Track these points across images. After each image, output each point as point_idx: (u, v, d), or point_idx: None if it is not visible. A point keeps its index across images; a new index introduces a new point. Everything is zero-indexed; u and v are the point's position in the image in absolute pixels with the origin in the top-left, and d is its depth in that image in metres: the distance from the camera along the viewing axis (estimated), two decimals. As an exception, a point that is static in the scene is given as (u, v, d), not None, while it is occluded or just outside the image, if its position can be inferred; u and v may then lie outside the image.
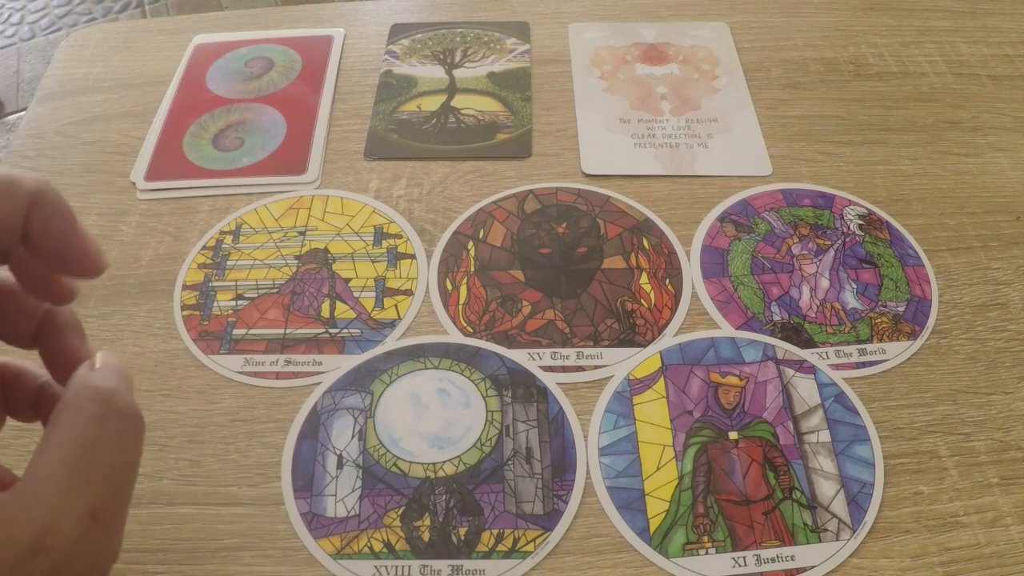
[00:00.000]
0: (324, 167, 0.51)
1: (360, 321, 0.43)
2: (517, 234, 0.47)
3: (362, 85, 0.56)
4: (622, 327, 0.43)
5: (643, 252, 0.46)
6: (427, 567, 0.35)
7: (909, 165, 0.50)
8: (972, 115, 0.53)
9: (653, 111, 0.54)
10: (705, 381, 0.40)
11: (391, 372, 0.41)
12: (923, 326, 0.43)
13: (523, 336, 0.42)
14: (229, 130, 0.53)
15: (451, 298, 0.44)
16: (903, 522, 0.36)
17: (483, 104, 0.54)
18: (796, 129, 0.53)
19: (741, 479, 0.37)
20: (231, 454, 0.38)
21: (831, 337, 0.42)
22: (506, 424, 0.39)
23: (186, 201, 0.49)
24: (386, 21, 0.61)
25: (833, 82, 0.56)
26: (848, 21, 0.60)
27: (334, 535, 0.36)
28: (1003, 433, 0.39)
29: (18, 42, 1.72)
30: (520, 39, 0.59)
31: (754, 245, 0.46)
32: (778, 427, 0.39)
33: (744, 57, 0.58)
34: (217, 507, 0.37)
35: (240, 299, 0.44)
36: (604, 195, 0.49)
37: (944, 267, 0.45)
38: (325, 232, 0.47)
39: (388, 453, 0.38)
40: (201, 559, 0.35)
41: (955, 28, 0.60)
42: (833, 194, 0.49)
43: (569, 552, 0.35)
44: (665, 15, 0.61)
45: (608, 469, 0.38)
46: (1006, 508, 0.36)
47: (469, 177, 0.50)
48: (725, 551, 0.35)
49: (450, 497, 0.37)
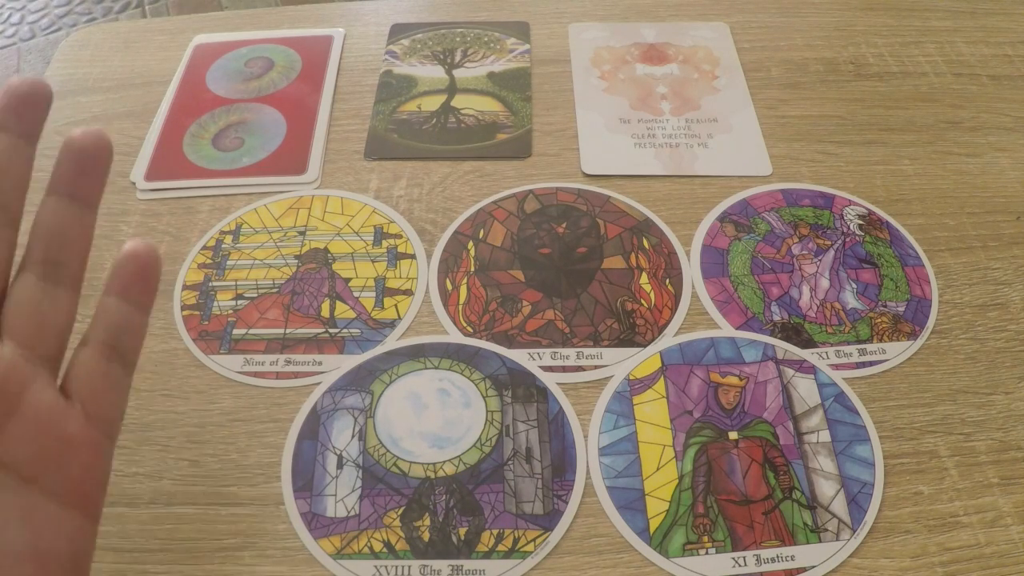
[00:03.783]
0: (324, 167, 0.51)
1: (360, 321, 0.43)
2: (517, 234, 0.47)
3: (362, 85, 0.56)
4: (622, 327, 0.43)
5: (643, 252, 0.46)
6: (427, 567, 0.35)
7: (909, 165, 0.50)
8: (972, 115, 0.53)
9: (653, 111, 0.54)
10: (705, 381, 0.40)
11: (391, 372, 0.41)
12: (923, 326, 0.43)
13: (523, 336, 0.42)
14: (229, 130, 0.53)
15: (451, 298, 0.44)
16: (903, 522, 0.36)
17: (483, 104, 0.54)
18: (796, 129, 0.53)
19: (741, 479, 0.37)
20: (231, 454, 0.38)
21: (831, 337, 0.42)
22: (506, 424, 0.39)
23: (186, 201, 0.49)
24: (386, 21, 0.61)
25: (833, 82, 0.56)
26: (848, 21, 0.60)
27: (334, 535, 0.36)
28: (1003, 433, 0.39)
29: (18, 42, 1.72)
30: (520, 39, 0.59)
31: (754, 245, 0.46)
32: (778, 427, 0.39)
33: (744, 57, 0.58)
34: (217, 507, 0.37)
35: (240, 299, 0.44)
36: (604, 195, 0.49)
37: (944, 267, 0.45)
38: (325, 232, 0.47)
39: (388, 453, 0.38)
40: (201, 559, 0.35)
41: (955, 28, 0.60)
42: (833, 194, 0.49)
43: (569, 552, 0.35)
44: (665, 15, 0.61)
45: (608, 469, 0.38)
46: (1006, 508, 0.36)
47: (469, 177, 0.50)
48: (725, 551, 0.35)
49: (450, 497, 0.37)
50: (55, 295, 0.27)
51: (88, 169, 0.28)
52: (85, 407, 0.27)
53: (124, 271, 0.28)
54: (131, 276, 0.28)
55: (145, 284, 0.28)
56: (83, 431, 0.27)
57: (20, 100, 0.27)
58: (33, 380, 0.26)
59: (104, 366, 0.28)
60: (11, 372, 0.26)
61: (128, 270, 0.28)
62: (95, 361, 0.28)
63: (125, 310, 0.28)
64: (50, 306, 0.27)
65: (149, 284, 0.28)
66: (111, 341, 0.28)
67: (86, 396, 0.27)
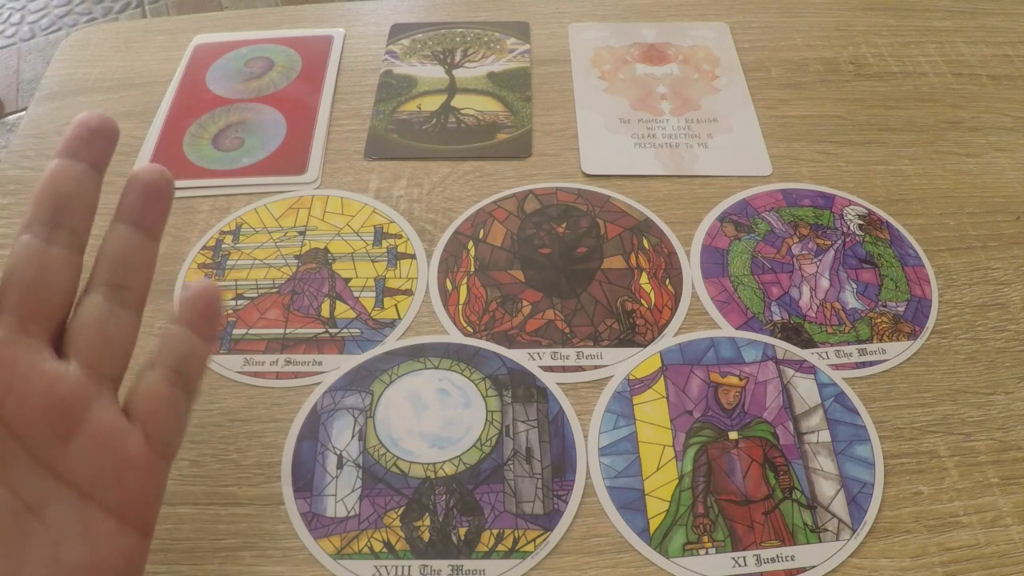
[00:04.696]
0: (324, 167, 0.51)
1: (360, 321, 0.43)
2: (517, 234, 0.47)
3: (362, 85, 0.56)
4: (622, 327, 0.43)
5: (643, 252, 0.46)
6: (427, 567, 0.35)
7: (909, 165, 0.50)
8: (972, 115, 0.53)
9: (653, 111, 0.54)
10: (705, 381, 0.40)
11: (391, 372, 0.41)
12: (923, 326, 0.43)
13: (523, 336, 0.42)
14: (229, 130, 0.53)
15: (451, 298, 0.44)
16: (903, 522, 0.36)
17: (483, 104, 0.54)
18: (796, 129, 0.53)
19: (741, 479, 0.37)
20: (231, 454, 0.38)
21: (831, 337, 0.42)
22: (506, 424, 0.39)
23: (186, 201, 0.49)
24: (386, 21, 0.61)
25: (833, 82, 0.56)
26: (848, 21, 0.60)
27: (334, 535, 0.36)
28: (1003, 433, 0.39)
29: (18, 42, 1.72)
30: (520, 39, 0.59)
31: (754, 245, 0.46)
32: (778, 427, 0.39)
33: (744, 57, 0.58)
34: (217, 507, 0.37)
35: (240, 299, 0.44)
36: (604, 195, 0.49)
37: (944, 267, 0.45)
38: (325, 232, 0.47)
39: (388, 453, 0.38)
40: (201, 559, 0.35)
41: (955, 28, 0.60)
42: (833, 194, 0.49)
43: (569, 552, 0.35)
44: (665, 15, 0.61)
45: (608, 469, 0.38)
46: (1006, 508, 0.36)
47: (469, 177, 0.50)
48: (725, 551, 0.35)
49: (450, 497, 0.37)
50: (119, 316, 0.28)
51: (152, 202, 0.30)
52: (145, 428, 0.28)
53: (194, 306, 0.29)
54: (200, 311, 0.29)
55: (211, 319, 0.30)
56: (142, 452, 0.28)
57: (92, 132, 0.29)
58: (96, 398, 0.27)
59: (168, 390, 0.28)
60: (77, 390, 0.27)
61: (198, 305, 0.30)
62: (160, 385, 0.28)
63: (191, 339, 0.29)
64: (115, 326, 0.28)
65: (214, 319, 0.30)
66: (177, 367, 0.29)
67: (147, 418, 0.28)
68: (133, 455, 0.27)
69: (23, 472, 0.26)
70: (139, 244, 0.29)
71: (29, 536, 0.25)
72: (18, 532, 0.25)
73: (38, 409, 0.26)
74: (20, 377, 0.26)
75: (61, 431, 0.26)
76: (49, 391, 0.26)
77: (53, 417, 0.26)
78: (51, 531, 0.26)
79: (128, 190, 0.30)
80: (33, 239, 0.27)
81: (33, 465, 0.26)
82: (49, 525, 0.26)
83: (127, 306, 0.29)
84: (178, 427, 0.29)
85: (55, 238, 0.27)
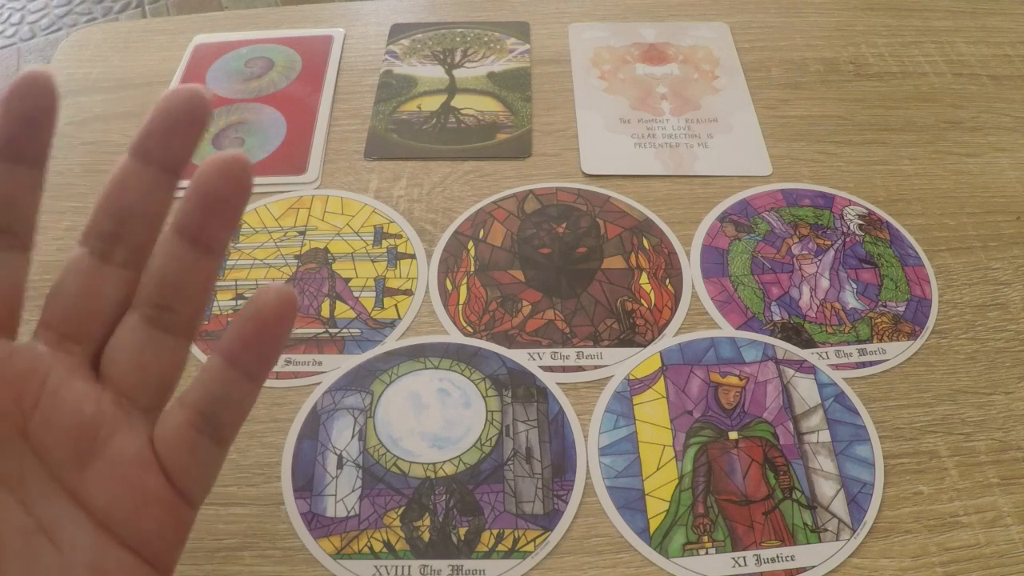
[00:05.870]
0: (324, 167, 0.51)
1: (360, 321, 0.43)
2: (517, 234, 0.47)
3: (362, 85, 0.56)
4: (622, 327, 0.43)
5: (643, 252, 0.46)
6: (427, 567, 0.35)
7: (909, 165, 0.50)
8: (972, 115, 0.53)
9: (653, 111, 0.54)
10: (705, 381, 0.40)
11: (391, 372, 0.41)
12: (923, 326, 0.43)
13: (523, 336, 0.42)
14: (229, 130, 0.53)
15: (451, 298, 0.44)
16: (903, 522, 0.36)
17: (483, 104, 0.54)
18: (796, 129, 0.53)
19: (741, 479, 0.37)
20: (231, 454, 0.38)
21: (831, 337, 0.42)
22: (506, 424, 0.39)
23: (186, 201, 0.49)
24: (386, 21, 0.61)
25: (833, 82, 0.56)
26: (848, 21, 0.60)
27: (334, 535, 0.36)
28: (1003, 433, 0.39)
29: (18, 42, 1.72)
30: (520, 39, 0.59)
31: (754, 245, 0.46)
32: (778, 427, 0.39)
33: (744, 57, 0.58)
34: (217, 507, 0.37)
35: (240, 299, 0.44)
36: (604, 195, 0.49)
37: (944, 267, 0.45)
38: (325, 232, 0.47)
39: (388, 453, 0.38)
40: (201, 559, 0.35)
41: (955, 28, 0.60)
42: (833, 194, 0.49)
43: (569, 552, 0.35)
44: (665, 15, 0.61)
45: (608, 469, 0.38)
46: (1006, 508, 0.36)
47: (469, 177, 0.50)
48: (725, 551, 0.35)
49: (450, 497, 0.37)
50: (160, 343, 0.24)
51: (218, 211, 0.24)
52: (166, 470, 0.25)
53: (244, 329, 0.23)
54: (250, 337, 0.23)
55: (263, 350, 0.24)
56: (163, 492, 0.25)
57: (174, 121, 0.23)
58: (122, 427, 0.25)
59: (193, 437, 0.24)
60: (102, 414, 0.24)
61: (248, 329, 0.23)
62: (184, 430, 0.24)
63: (230, 378, 0.24)
64: (152, 355, 0.24)
65: (269, 352, 0.24)
66: (206, 410, 0.24)
67: (168, 464, 0.25)
68: (152, 492, 0.25)
69: (41, 490, 0.24)
70: (193, 262, 0.24)
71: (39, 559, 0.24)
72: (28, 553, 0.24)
73: (61, 427, 0.24)
74: (49, 393, 0.24)
75: (82, 454, 0.24)
76: (75, 411, 0.24)
77: (75, 438, 0.24)
78: (63, 556, 0.24)
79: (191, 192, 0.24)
80: (87, 255, 0.24)
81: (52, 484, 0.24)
82: (62, 549, 0.24)
83: (171, 332, 0.24)
84: (203, 478, 0.25)
85: (111, 255, 0.24)
